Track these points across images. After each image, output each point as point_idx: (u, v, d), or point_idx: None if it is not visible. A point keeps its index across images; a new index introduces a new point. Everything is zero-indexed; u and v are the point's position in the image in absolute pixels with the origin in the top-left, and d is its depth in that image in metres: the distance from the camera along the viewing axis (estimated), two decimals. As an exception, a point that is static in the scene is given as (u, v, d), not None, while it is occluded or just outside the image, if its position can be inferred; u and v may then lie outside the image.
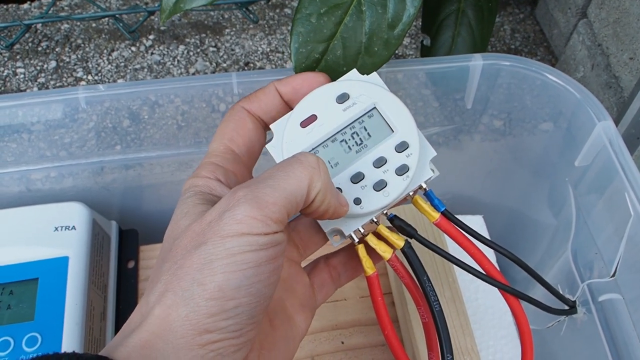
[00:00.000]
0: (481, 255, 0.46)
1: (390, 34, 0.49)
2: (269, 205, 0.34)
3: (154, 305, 0.34)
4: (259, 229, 0.33)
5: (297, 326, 0.43)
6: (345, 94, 0.44)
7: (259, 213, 0.33)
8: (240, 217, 0.33)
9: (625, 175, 0.51)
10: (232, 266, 0.33)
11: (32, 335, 0.54)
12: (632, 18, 0.66)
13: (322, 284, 0.46)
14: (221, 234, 0.33)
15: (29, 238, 0.60)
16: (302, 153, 0.37)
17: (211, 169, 0.41)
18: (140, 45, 0.88)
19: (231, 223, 0.33)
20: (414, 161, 0.43)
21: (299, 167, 0.36)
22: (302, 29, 0.48)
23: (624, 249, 0.52)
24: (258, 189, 0.34)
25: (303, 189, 0.36)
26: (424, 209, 0.45)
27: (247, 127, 0.44)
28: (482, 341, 0.63)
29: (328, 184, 0.37)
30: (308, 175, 0.36)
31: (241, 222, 0.33)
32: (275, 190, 0.34)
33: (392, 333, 0.45)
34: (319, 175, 0.36)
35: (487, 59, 0.58)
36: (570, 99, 0.57)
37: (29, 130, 0.60)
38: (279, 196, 0.34)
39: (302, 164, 0.36)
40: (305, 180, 0.36)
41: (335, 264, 0.47)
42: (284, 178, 0.35)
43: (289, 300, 0.43)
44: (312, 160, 0.37)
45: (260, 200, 0.34)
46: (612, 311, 0.55)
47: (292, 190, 0.35)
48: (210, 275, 0.33)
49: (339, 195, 0.40)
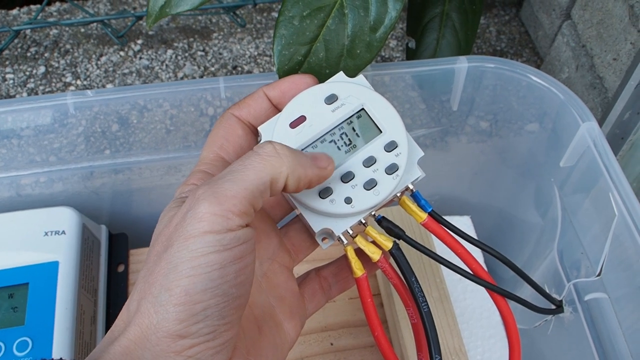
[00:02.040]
0: (468, 255, 0.46)
1: (373, 37, 0.50)
2: (228, 199, 0.33)
3: (134, 312, 0.34)
4: (220, 224, 0.33)
5: (286, 334, 0.43)
6: (334, 95, 0.44)
7: (219, 208, 0.33)
8: (201, 215, 0.33)
9: (610, 175, 0.52)
10: (197, 269, 0.33)
11: (23, 340, 0.54)
12: (615, 19, 0.67)
13: (312, 294, 0.47)
14: (185, 235, 0.33)
15: (19, 243, 0.60)
16: (259, 144, 0.37)
17: (200, 176, 0.41)
18: (129, 50, 0.89)
19: (193, 222, 0.33)
20: (403, 160, 0.43)
21: (257, 158, 0.36)
22: (285, 32, 0.48)
23: (609, 249, 0.53)
24: (217, 184, 0.34)
25: (264, 179, 0.35)
26: (411, 209, 0.45)
27: (236, 134, 0.44)
28: (470, 341, 0.64)
29: (296, 164, 0.37)
30: (267, 165, 0.35)
31: (202, 220, 0.33)
32: (234, 184, 0.34)
33: (382, 334, 0.46)
34: (280, 162, 0.36)
35: (472, 62, 0.59)
36: (554, 100, 0.57)
37: (18, 135, 0.60)
38: (238, 189, 0.34)
39: (260, 155, 0.36)
40: (265, 170, 0.35)
41: (326, 275, 0.48)
42: (242, 171, 0.35)
43: (279, 307, 0.43)
44: (268, 150, 0.36)
45: (220, 195, 0.34)
46: (598, 310, 0.55)
47: (252, 182, 0.35)
48: (176, 280, 0.33)
49: (316, 161, 0.39)
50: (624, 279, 0.52)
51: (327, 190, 0.42)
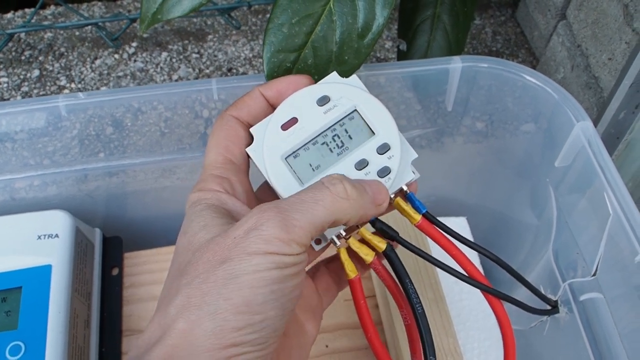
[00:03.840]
0: (463, 257, 0.46)
1: (361, 43, 0.50)
2: (295, 230, 0.35)
3: (176, 318, 0.34)
4: (284, 250, 0.34)
5: (307, 333, 0.44)
6: (326, 96, 0.44)
7: (285, 236, 0.34)
8: (267, 237, 0.34)
9: (604, 175, 0.52)
10: (259, 281, 0.34)
11: (16, 344, 0.54)
12: (609, 19, 0.67)
13: (326, 288, 0.47)
14: (247, 251, 0.34)
15: (12, 247, 0.59)
16: (330, 179, 0.38)
17: (217, 181, 0.41)
18: (123, 52, 0.88)
19: (258, 242, 0.34)
20: (395, 163, 0.43)
21: (328, 196, 0.37)
22: (274, 39, 0.49)
23: (604, 249, 0.53)
24: (287, 211, 0.35)
25: (330, 217, 0.37)
26: (405, 211, 0.45)
27: (239, 135, 0.44)
28: (466, 342, 0.63)
29: (359, 209, 0.39)
30: (336, 207, 0.37)
31: (268, 242, 0.34)
32: (303, 216, 0.35)
33: (375, 336, 0.45)
34: (349, 206, 0.38)
35: (466, 62, 0.58)
36: (548, 100, 0.57)
37: (12, 139, 0.60)
38: (306, 222, 0.35)
39: (331, 193, 0.37)
40: (333, 210, 0.37)
41: (335, 268, 0.48)
42: (312, 204, 0.36)
43: (299, 307, 0.44)
44: (340, 190, 0.37)
45: (288, 223, 0.35)
46: (594, 310, 0.55)
47: (319, 218, 0.36)
48: (237, 290, 0.33)
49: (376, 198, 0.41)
50: (620, 279, 0.52)
51: None
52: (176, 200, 0.69)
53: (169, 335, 0.34)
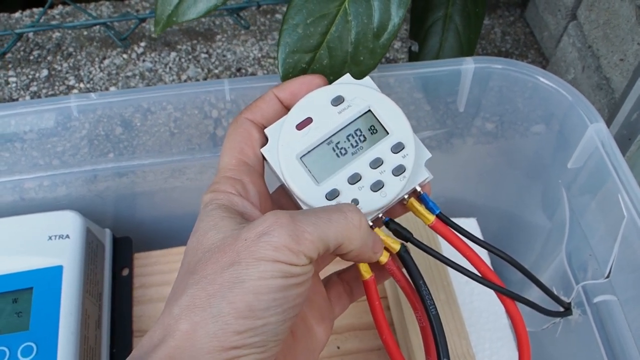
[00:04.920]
0: (476, 258, 0.46)
1: (376, 43, 0.50)
2: (306, 242, 0.35)
3: (179, 319, 0.34)
4: (291, 260, 0.34)
5: (317, 337, 0.44)
6: (340, 96, 0.44)
7: (295, 246, 0.34)
8: (276, 244, 0.34)
9: (618, 176, 0.52)
10: (264, 288, 0.34)
11: (28, 345, 0.54)
12: (621, 20, 0.67)
13: (338, 296, 0.47)
14: (256, 256, 0.34)
15: (23, 247, 0.59)
16: (348, 206, 0.39)
17: (230, 183, 0.41)
18: (132, 52, 0.88)
19: (267, 247, 0.34)
20: (410, 162, 0.43)
21: (343, 220, 0.37)
22: (289, 39, 0.49)
23: (617, 250, 0.53)
24: (300, 222, 0.36)
25: (338, 240, 0.37)
26: (419, 212, 0.45)
27: (254, 138, 0.44)
28: (478, 344, 0.63)
29: (364, 243, 0.39)
30: (347, 232, 0.37)
31: (277, 250, 0.34)
32: (315, 230, 0.36)
33: (390, 337, 0.45)
34: (358, 235, 0.38)
35: (479, 62, 0.58)
36: (561, 102, 0.57)
37: (21, 139, 0.60)
38: (317, 237, 0.36)
39: (346, 218, 0.37)
40: (343, 235, 0.37)
41: (348, 279, 0.48)
42: (326, 222, 0.36)
43: (310, 312, 0.44)
44: (355, 219, 0.38)
45: (300, 234, 0.35)
46: (607, 312, 0.55)
47: (329, 237, 0.36)
48: (241, 294, 0.33)
49: (375, 246, 0.41)
50: (633, 281, 0.52)
51: (333, 192, 0.42)
52: (186, 200, 0.69)
53: (172, 336, 0.34)
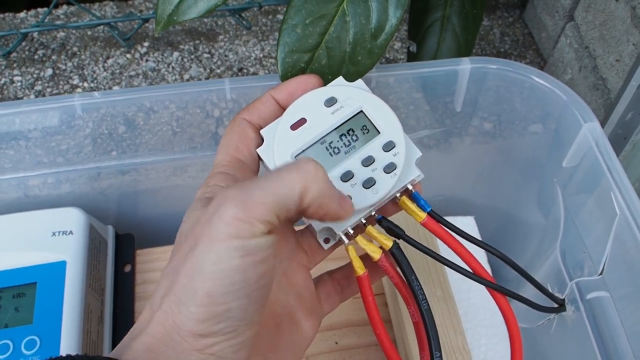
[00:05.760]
0: (468, 254, 0.47)
1: (374, 44, 0.50)
2: (255, 206, 0.34)
3: (157, 309, 0.35)
4: (245, 230, 0.33)
5: (304, 331, 0.44)
6: (333, 98, 0.45)
7: (244, 215, 0.33)
8: (227, 219, 0.33)
9: (611, 174, 0.52)
10: (220, 273, 0.33)
11: (31, 339, 0.55)
12: (617, 21, 0.67)
13: (327, 294, 0.48)
14: (211, 237, 0.34)
15: (27, 243, 0.60)
16: (302, 159, 0.37)
17: (221, 177, 0.42)
18: (135, 52, 0.89)
19: (219, 225, 0.34)
20: (401, 159, 0.44)
21: (294, 172, 0.36)
22: (288, 39, 0.49)
23: (610, 248, 0.53)
24: (248, 189, 0.35)
25: (294, 193, 0.35)
26: (411, 209, 0.46)
27: (249, 137, 0.45)
28: (474, 340, 0.64)
29: (325, 191, 0.37)
30: (302, 181, 0.35)
31: (228, 224, 0.33)
32: (264, 192, 0.34)
33: (384, 332, 0.46)
34: (315, 182, 0.36)
35: (475, 63, 0.59)
36: (556, 101, 0.58)
37: (26, 137, 0.60)
38: (266, 197, 0.34)
39: (299, 170, 0.36)
40: (298, 185, 0.35)
41: (339, 278, 0.49)
42: (275, 181, 0.35)
43: (297, 305, 0.44)
44: (309, 167, 0.36)
45: (248, 201, 0.34)
46: (600, 309, 0.56)
47: (282, 194, 0.35)
48: (201, 282, 0.33)
49: (341, 200, 0.39)
50: (626, 278, 0.52)
51: None
52: (187, 198, 0.69)
53: (151, 325, 0.34)
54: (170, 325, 0.34)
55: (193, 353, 0.33)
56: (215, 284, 0.33)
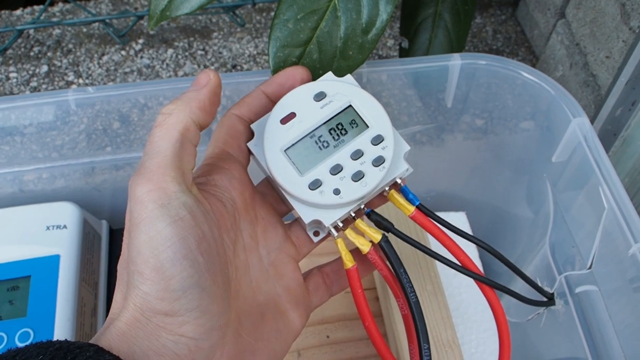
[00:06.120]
0: (456, 247, 0.47)
1: (365, 39, 0.51)
2: (154, 172, 0.35)
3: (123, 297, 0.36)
4: (160, 197, 0.35)
5: (290, 322, 0.45)
6: (323, 92, 0.46)
7: (151, 184, 0.35)
8: (140, 198, 0.35)
9: (599, 169, 0.53)
10: (158, 247, 0.34)
11: (25, 331, 0.55)
12: (607, 17, 0.68)
13: (316, 287, 0.48)
14: (136, 222, 0.35)
15: (21, 237, 0.61)
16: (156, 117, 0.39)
17: (205, 169, 0.43)
18: (130, 49, 0.90)
19: (137, 207, 0.35)
20: (389, 153, 0.44)
21: (156, 130, 0.37)
22: (279, 34, 0.50)
23: (599, 242, 0.54)
24: (143, 165, 0.36)
25: (173, 139, 0.37)
26: (399, 203, 0.46)
27: (239, 131, 0.45)
28: (465, 334, 0.65)
29: (185, 108, 0.38)
30: (168, 128, 0.37)
31: (143, 201, 0.35)
32: (151, 158, 0.36)
33: (373, 324, 0.46)
34: (175, 118, 0.37)
35: (465, 59, 0.60)
36: (545, 96, 0.58)
37: (21, 133, 0.61)
38: (157, 160, 0.36)
39: (157, 126, 0.37)
40: (169, 133, 0.37)
41: (328, 272, 0.49)
42: (151, 145, 0.37)
43: (285, 296, 0.45)
44: (160, 118, 0.38)
45: (145, 173, 0.35)
46: (589, 302, 0.56)
47: (165, 148, 0.36)
48: (142, 262, 0.34)
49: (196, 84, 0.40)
50: (614, 272, 0.53)
51: (316, 182, 0.44)
52: (181, 193, 0.70)
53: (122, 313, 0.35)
54: (134, 310, 0.34)
55: (162, 334, 0.34)
56: (158, 259, 0.34)
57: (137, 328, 0.34)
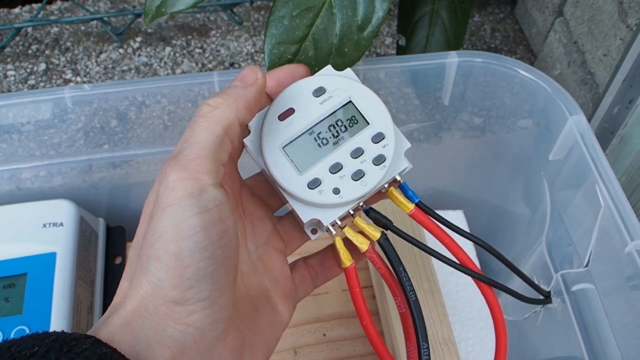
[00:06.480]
0: (455, 245, 0.47)
1: (360, 36, 0.51)
2: (192, 162, 0.35)
3: (127, 288, 0.36)
4: (193, 187, 0.35)
5: (280, 314, 0.45)
6: (322, 87, 0.45)
7: (186, 173, 0.35)
8: (172, 184, 0.35)
9: (596, 167, 0.53)
10: (181, 234, 0.34)
11: (21, 329, 0.55)
12: (605, 15, 0.68)
13: (302, 279, 0.48)
14: (162, 206, 0.35)
15: (18, 234, 0.61)
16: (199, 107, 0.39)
17: None
18: (128, 47, 0.90)
19: (167, 192, 0.35)
20: (390, 151, 0.44)
21: (201, 120, 0.37)
22: (275, 31, 0.50)
23: (596, 240, 0.53)
24: (180, 153, 0.36)
25: (216, 133, 0.37)
26: (399, 200, 0.46)
27: None
28: (462, 332, 0.65)
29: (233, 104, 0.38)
30: (213, 121, 0.37)
31: (175, 188, 0.34)
32: (192, 148, 0.36)
33: (370, 323, 0.46)
34: (222, 112, 0.38)
35: (462, 56, 0.59)
36: (542, 94, 0.58)
37: (19, 130, 0.61)
38: (197, 151, 0.36)
39: (202, 116, 0.37)
40: (214, 125, 0.37)
41: (313, 264, 0.49)
42: (193, 135, 0.37)
43: (274, 289, 0.45)
44: (205, 109, 0.38)
45: (183, 161, 0.35)
46: (585, 300, 0.56)
47: (207, 140, 0.36)
48: (162, 247, 0.34)
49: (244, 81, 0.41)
50: (611, 270, 0.53)
51: (315, 181, 0.43)
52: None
53: (125, 302, 0.35)
54: (144, 298, 0.34)
55: (170, 324, 0.34)
56: (179, 245, 0.34)
57: (143, 317, 0.34)
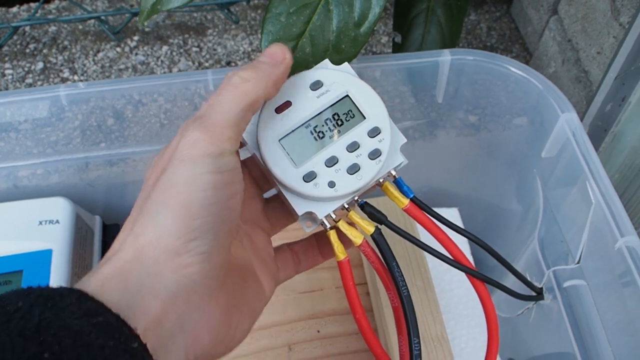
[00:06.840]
0: (449, 241, 0.47)
1: (357, 32, 0.51)
2: (216, 127, 0.36)
3: (127, 235, 0.36)
4: (212, 149, 0.36)
5: (263, 290, 0.45)
6: (319, 81, 0.45)
7: (208, 135, 0.36)
8: (194, 141, 0.35)
9: (587, 164, 0.53)
10: (194, 186, 0.35)
11: (17, 325, 0.55)
12: (598, 14, 0.68)
13: (284, 263, 0.48)
14: (180, 158, 0.35)
15: (14, 232, 0.61)
16: (227, 76, 0.40)
17: None
18: (125, 46, 0.90)
19: (187, 148, 0.35)
20: (386, 146, 0.44)
21: (229, 89, 0.38)
22: (272, 28, 0.50)
23: (587, 237, 0.54)
24: (202, 117, 0.37)
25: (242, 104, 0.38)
26: (394, 195, 0.46)
27: None
28: (455, 329, 0.65)
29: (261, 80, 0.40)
30: (241, 94, 0.38)
31: (196, 146, 0.35)
32: (217, 114, 0.37)
33: (363, 317, 0.46)
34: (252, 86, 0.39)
35: (455, 55, 0.60)
36: (534, 92, 0.58)
37: (16, 129, 0.61)
38: (222, 118, 0.37)
39: (231, 85, 0.39)
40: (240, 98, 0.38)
41: (297, 250, 0.49)
42: (220, 102, 0.38)
43: (259, 266, 0.45)
44: (236, 80, 0.39)
45: (208, 124, 0.36)
46: (577, 297, 0.56)
47: (232, 110, 0.38)
48: (174, 196, 0.35)
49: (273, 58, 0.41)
50: (602, 267, 0.53)
51: (311, 174, 0.43)
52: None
53: (121, 250, 0.35)
54: (144, 246, 0.35)
55: (167, 273, 0.34)
56: (190, 197, 0.35)
57: (140, 265, 0.34)
